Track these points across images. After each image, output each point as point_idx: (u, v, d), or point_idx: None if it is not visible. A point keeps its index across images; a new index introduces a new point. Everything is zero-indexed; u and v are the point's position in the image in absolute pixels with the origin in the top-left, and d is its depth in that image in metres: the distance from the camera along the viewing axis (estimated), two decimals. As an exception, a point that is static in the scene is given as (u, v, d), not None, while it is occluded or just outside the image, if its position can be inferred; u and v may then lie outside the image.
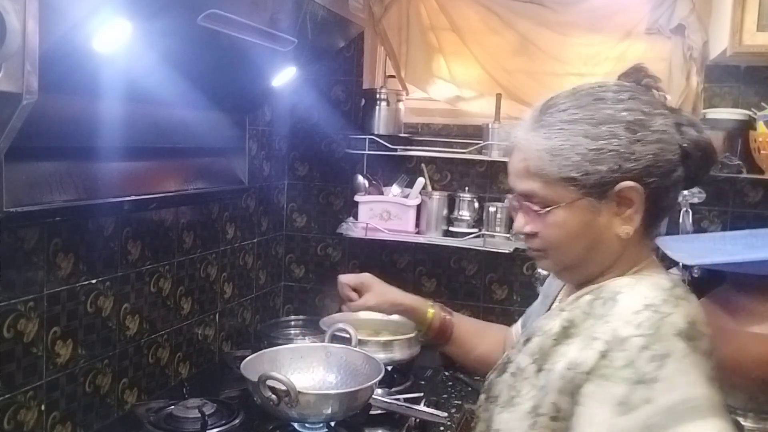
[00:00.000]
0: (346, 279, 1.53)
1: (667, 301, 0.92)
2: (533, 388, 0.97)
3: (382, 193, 2.35)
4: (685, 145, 0.98)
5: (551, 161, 0.98)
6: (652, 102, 0.99)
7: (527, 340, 1.03)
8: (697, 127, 1.01)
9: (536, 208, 1.01)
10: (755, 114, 1.98)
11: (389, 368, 1.90)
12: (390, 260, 2.49)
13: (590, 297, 0.98)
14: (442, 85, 2.46)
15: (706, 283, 1.98)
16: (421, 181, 2.32)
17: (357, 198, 2.34)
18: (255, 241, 2.35)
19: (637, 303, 0.92)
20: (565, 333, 0.96)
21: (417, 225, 2.32)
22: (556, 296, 1.18)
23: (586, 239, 1.00)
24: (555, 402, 0.93)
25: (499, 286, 2.40)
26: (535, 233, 1.03)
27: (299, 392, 1.47)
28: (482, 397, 1.10)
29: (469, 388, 2.00)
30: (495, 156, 2.27)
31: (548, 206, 0.99)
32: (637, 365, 0.86)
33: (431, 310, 1.49)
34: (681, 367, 0.86)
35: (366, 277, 1.53)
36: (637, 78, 1.03)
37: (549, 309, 1.16)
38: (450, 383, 2.04)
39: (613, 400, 0.86)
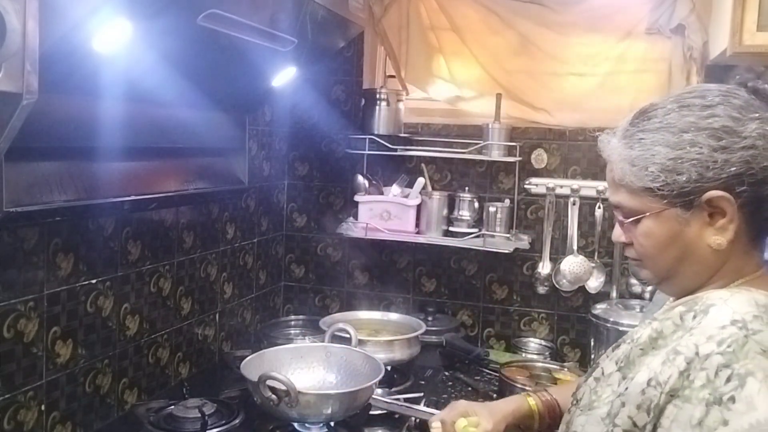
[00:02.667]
0: (444, 416, 1.32)
1: (759, 317, 0.88)
2: (612, 393, 0.95)
3: (382, 193, 2.35)
4: None
5: (632, 171, 0.97)
6: (747, 106, 0.93)
7: (616, 347, 1.02)
8: None
9: (624, 218, 1.01)
10: (755, 114, 1.98)
11: (389, 368, 1.91)
12: (390, 260, 2.49)
13: (683, 308, 0.95)
14: (442, 85, 2.46)
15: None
16: (421, 181, 2.32)
17: (357, 198, 2.34)
18: (255, 241, 2.35)
19: (724, 318, 0.88)
20: (653, 343, 0.94)
21: (417, 225, 2.32)
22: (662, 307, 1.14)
23: (677, 250, 0.97)
24: (632, 417, 0.90)
25: (499, 286, 2.40)
26: (630, 243, 1.02)
27: (299, 392, 1.47)
28: (571, 399, 1.08)
29: (469, 388, 2.00)
30: (495, 156, 2.27)
31: (635, 216, 0.99)
32: (715, 385, 0.83)
33: (530, 399, 1.34)
34: (764, 387, 0.81)
35: (460, 405, 1.35)
36: (743, 80, 0.97)
37: None
38: (450, 383, 2.04)
39: (692, 422, 0.83)
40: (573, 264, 2.25)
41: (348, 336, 1.87)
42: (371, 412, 1.70)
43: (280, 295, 2.58)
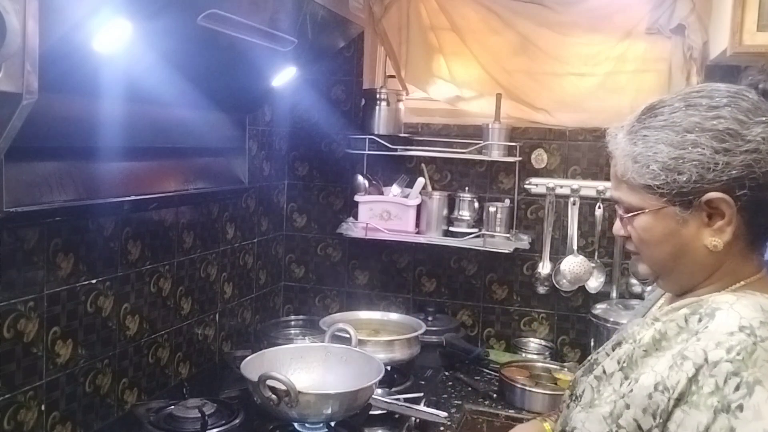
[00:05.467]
0: None
1: (766, 323, 0.88)
2: (614, 393, 0.96)
3: (382, 193, 2.36)
4: None
5: (634, 168, 0.97)
6: (754, 109, 0.92)
7: (617, 345, 1.02)
8: None
9: (624, 213, 1.02)
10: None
11: (389, 368, 1.91)
12: (390, 260, 2.49)
13: (687, 311, 0.95)
14: (442, 85, 2.46)
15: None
16: (421, 181, 2.32)
17: (357, 198, 2.34)
18: (255, 241, 2.35)
19: (732, 323, 0.88)
20: (656, 344, 0.94)
21: (417, 225, 2.32)
22: (653, 304, 1.15)
23: (672, 247, 0.97)
24: (637, 419, 0.91)
25: (499, 286, 2.40)
26: (629, 237, 1.02)
27: (299, 392, 1.47)
28: (567, 393, 1.10)
29: (469, 388, 2.00)
30: (495, 156, 2.27)
31: (635, 212, 0.99)
32: (724, 392, 0.84)
33: (546, 424, 1.31)
34: None
35: None
36: (755, 81, 0.96)
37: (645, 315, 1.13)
38: (450, 383, 2.04)
39: (699, 428, 0.84)
40: (573, 264, 2.25)
41: (348, 336, 1.87)
42: (371, 412, 1.70)
43: (280, 295, 2.58)
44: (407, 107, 2.45)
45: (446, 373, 2.10)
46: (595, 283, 2.26)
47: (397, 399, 1.77)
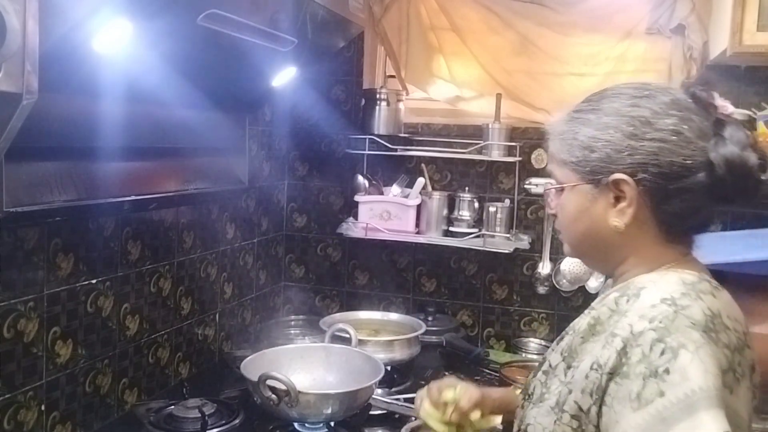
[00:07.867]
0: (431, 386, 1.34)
1: (687, 294, 0.92)
2: (560, 384, 0.99)
3: (382, 193, 2.36)
4: (711, 155, 0.94)
5: (559, 143, 1.04)
6: (672, 104, 0.97)
7: (560, 339, 1.06)
8: (740, 145, 0.94)
9: (550, 187, 1.09)
10: (755, 114, 1.98)
11: (389, 368, 1.91)
12: (390, 260, 2.49)
13: (617, 294, 0.99)
14: (442, 85, 2.46)
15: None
16: (421, 181, 2.32)
17: (357, 198, 2.34)
18: (255, 241, 2.35)
19: (655, 297, 0.93)
20: (592, 330, 0.98)
21: (417, 225, 2.32)
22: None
23: (583, 225, 1.04)
24: (577, 401, 0.94)
25: (499, 286, 2.40)
26: (555, 214, 1.09)
27: (299, 392, 1.47)
28: (521, 396, 1.12)
29: (469, 388, 2.00)
30: (495, 156, 2.27)
31: (556, 186, 1.06)
32: (650, 359, 0.87)
33: (519, 392, 1.29)
34: (695, 358, 0.85)
35: (449, 379, 1.38)
36: (689, 85, 1.02)
37: None
38: (450, 383, 2.03)
39: (630, 396, 0.87)
40: (573, 264, 2.25)
41: (348, 336, 1.87)
42: (371, 412, 1.70)
43: (280, 295, 2.58)
44: (407, 107, 2.45)
45: (446, 373, 2.09)
46: (595, 283, 2.26)
47: (397, 399, 1.77)
